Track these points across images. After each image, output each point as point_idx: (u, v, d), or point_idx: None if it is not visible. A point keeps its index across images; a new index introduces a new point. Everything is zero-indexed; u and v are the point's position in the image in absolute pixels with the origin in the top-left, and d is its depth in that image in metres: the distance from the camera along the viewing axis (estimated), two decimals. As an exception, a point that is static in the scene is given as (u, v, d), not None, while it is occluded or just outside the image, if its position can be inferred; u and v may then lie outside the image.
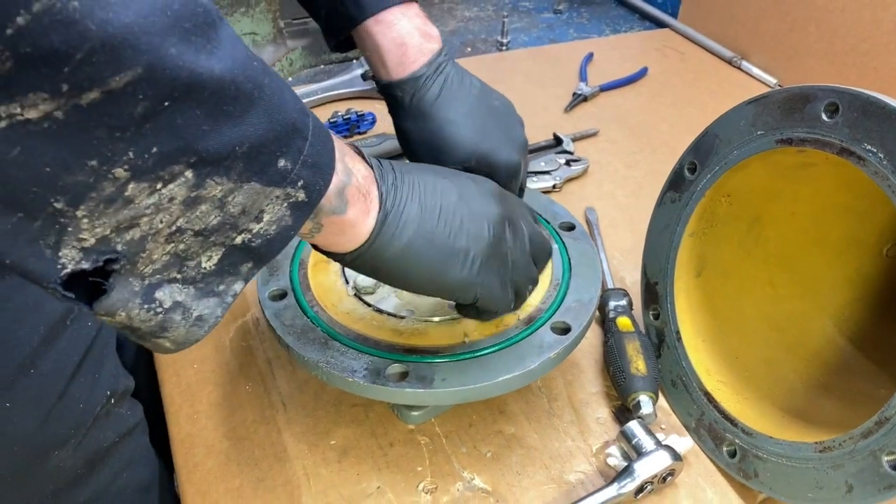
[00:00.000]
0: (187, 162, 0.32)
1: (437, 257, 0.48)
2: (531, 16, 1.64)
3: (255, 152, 0.34)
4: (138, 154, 0.30)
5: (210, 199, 0.34)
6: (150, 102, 0.29)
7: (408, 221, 0.46)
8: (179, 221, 0.34)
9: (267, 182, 0.36)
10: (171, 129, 0.30)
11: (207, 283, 0.37)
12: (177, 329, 0.37)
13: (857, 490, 0.52)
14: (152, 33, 0.28)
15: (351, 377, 0.56)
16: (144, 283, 0.35)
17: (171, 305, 0.36)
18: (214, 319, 0.38)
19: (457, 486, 0.62)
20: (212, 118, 0.32)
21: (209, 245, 0.36)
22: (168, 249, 0.34)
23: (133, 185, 0.31)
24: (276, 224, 0.38)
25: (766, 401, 0.66)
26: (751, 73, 1.32)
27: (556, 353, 0.58)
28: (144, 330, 0.36)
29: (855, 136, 0.52)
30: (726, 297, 0.71)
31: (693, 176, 0.66)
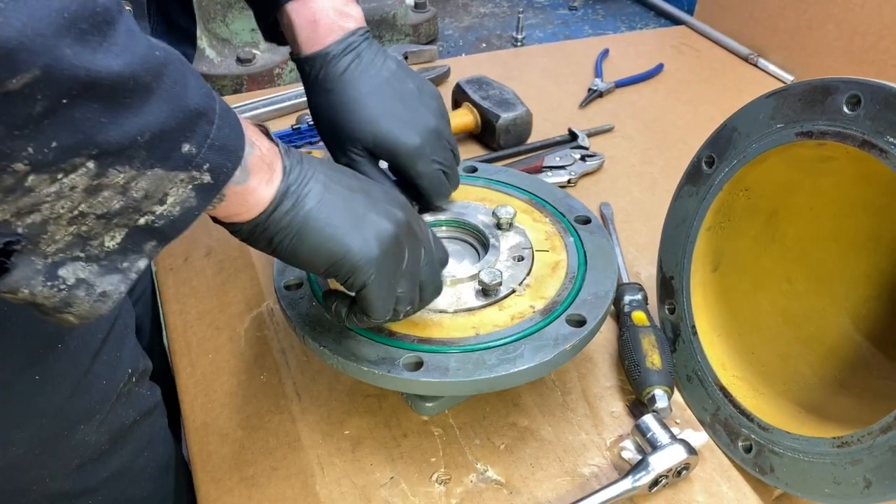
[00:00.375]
0: (88, 154, 0.33)
1: (337, 233, 0.48)
2: (546, 12, 1.64)
3: (158, 140, 0.35)
4: (38, 149, 0.31)
5: (112, 185, 0.35)
6: (48, 101, 0.30)
7: (311, 193, 0.47)
8: (81, 207, 0.34)
9: (171, 167, 0.37)
10: (70, 124, 0.31)
11: (111, 261, 0.38)
12: (81, 305, 0.38)
13: (876, 486, 0.52)
14: (47, 35, 0.29)
15: (366, 367, 0.56)
16: (47, 261, 0.35)
17: (75, 282, 0.37)
18: (118, 295, 0.39)
19: (470, 477, 0.62)
20: (111, 111, 0.33)
21: (112, 227, 0.37)
22: (71, 231, 0.35)
23: (33, 176, 0.32)
24: (181, 206, 0.38)
25: (782, 396, 0.65)
26: (767, 70, 1.31)
27: (572, 346, 0.58)
28: (48, 306, 0.37)
29: (877, 128, 0.52)
30: (743, 291, 0.71)
31: (711, 169, 0.66)
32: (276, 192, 0.45)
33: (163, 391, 0.73)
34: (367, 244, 0.49)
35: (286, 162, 0.46)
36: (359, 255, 0.48)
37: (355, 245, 0.48)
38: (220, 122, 0.39)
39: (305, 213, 0.47)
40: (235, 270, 0.85)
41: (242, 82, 1.27)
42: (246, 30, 1.32)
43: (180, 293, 0.83)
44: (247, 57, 1.29)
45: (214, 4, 1.28)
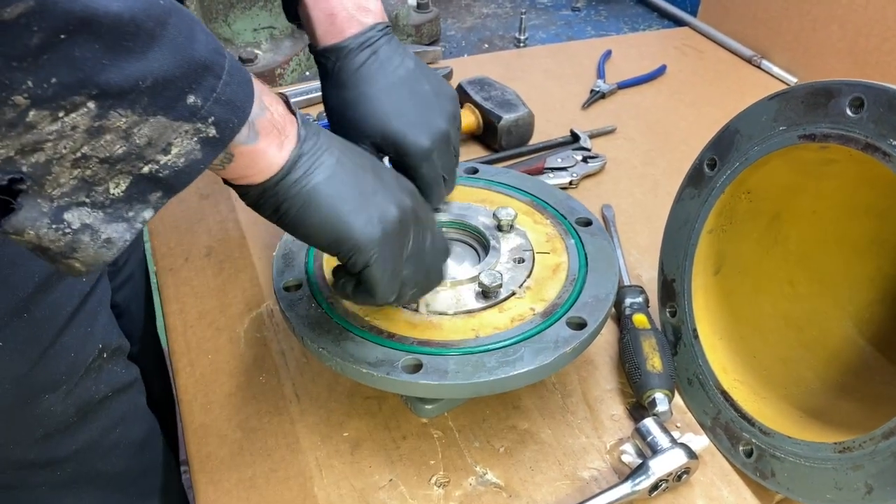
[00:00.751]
0: (88, 94, 0.33)
1: (343, 209, 0.48)
2: (549, 13, 1.64)
3: (161, 87, 0.35)
4: (37, 83, 0.31)
5: (114, 129, 0.35)
6: (44, 34, 0.30)
7: (322, 167, 0.47)
8: (84, 149, 0.35)
9: (174, 116, 0.37)
10: (69, 61, 0.32)
11: (116, 209, 0.38)
12: (86, 250, 0.38)
13: (878, 491, 0.51)
14: None
15: (365, 369, 0.56)
16: (53, 204, 0.36)
17: (80, 227, 0.37)
18: (123, 243, 0.39)
19: (469, 480, 0.62)
20: (111, 52, 0.33)
21: (116, 172, 0.37)
22: (75, 174, 0.36)
23: (34, 111, 0.32)
24: (185, 157, 0.39)
25: (784, 400, 0.65)
26: (771, 72, 1.31)
27: (572, 348, 0.58)
28: (54, 250, 0.38)
29: (881, 131, 0.51)
30: (744, 295, 0.70)
31: (713, 172, 0.66)
32: (289, 158, 0.45)
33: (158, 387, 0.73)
34: (371, 224, 0.49)
35: (302, 131, 0.46)
36: (361, 235, 0.48)
37: (358, 224, 0.48)
38: (229, 77, 0.39)
39: (315, 184, 0.46)
40: (235, 271, 0.85)
41: (244, 82, 1.27)
42: (248, 29, 1.32)
43: (180, 293, 0.82)
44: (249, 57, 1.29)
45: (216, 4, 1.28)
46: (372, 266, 0.50)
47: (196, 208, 0.95)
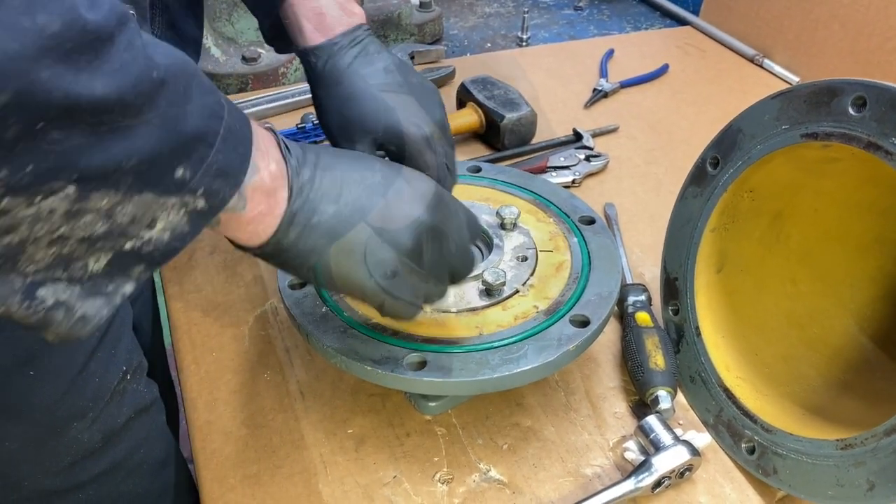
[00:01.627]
0: (68, 178, 0.31)
1: (347, 264, 0.46)
2: (551, 12, 1.64)
3: (147, 165, 0.33)
4: (13, 173, 0.29)
5: (95, 210, 0.33)
6: (21, 125, 0.28)
7: (318, 225, 0.44)
8: (62, 230, 0.33)
9: (161, 192, 0.35)
10: (46, 148, 0.30)
11: (95, 284, 0.36)
12: (58, 327, 0.36)
13: (879, 488, 0.52)
14: (21, 59, 0.27)
15: (370, 366, 0.56)
16: (27, 280, 0.34)
17: (53, 304, 0.35)
18: (98, 319, 0.37)
19: (473, 477, 0.62)
20: (94, 136, 0.31)
21: (96, 250, 0.35)
22: (51, 252, 0.33)
23: (9, 199, 0.30)
24: (171, 231, 0.37)
25: (786, 398, 0.65)
26: (773, 71, 1.31)
27: (576, 346, 0.58)
28: (25, 323, 0.36)
29: (883, 130, 0.52)
30: (747, 293, 0.71)
31: (715, 171, 0.66)
32: (280, 222, 0.43)
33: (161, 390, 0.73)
34: (377, 276, 0.47)
35: (294, 185, 0.44)
36: (367, 288, 0.48)
37: (362, 279, 0.47)
38: (222, 144, 0.37)
39: (312, 246, 0.45)
40: (240, 269, 0.85)
41: (247, 81, 1.27)
42: (251, 28, 1.32)
43: (184, 291, 0.83)
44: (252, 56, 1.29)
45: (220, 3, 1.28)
46: (386, 304, 0.49)
47: (200, 207, 0.95)
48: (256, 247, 0.44)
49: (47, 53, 0.28)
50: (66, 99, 0.29)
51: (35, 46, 0.28)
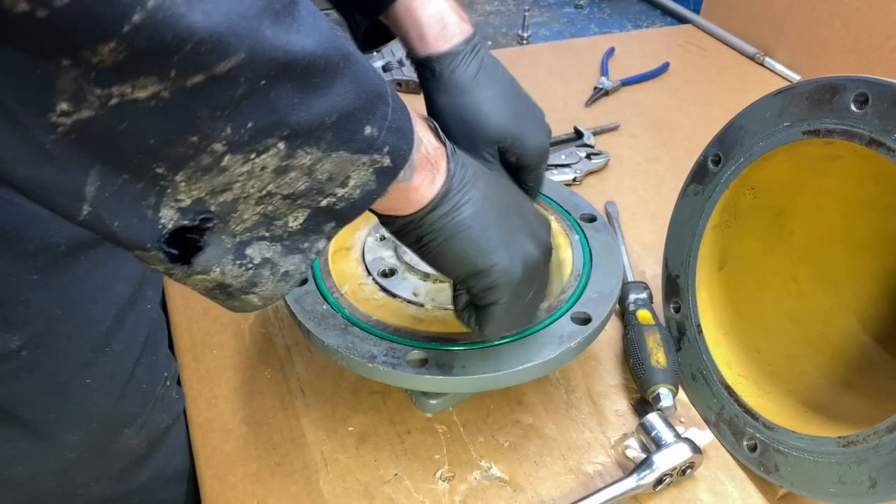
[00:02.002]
0: (280, 135, 0.33)
1: (487, 247, 0.47)
2: (552, 10, 1.64)
3: (344, 121, 0.35)
4: (235, 130, 0.31)
5: (300, 167, 0.35)
6: (249, 83, 0.30)
7: (470, 202, 0.46)
8: (270, 187, 0.35)
9: (355, 150, 0.37)
10: (266, 105, 0.32)
11: (293, 241, 0.39)
12: (265, 284, 0.39)
13: (881, 485, 0.51)
14: (251, 18, 0.29)
15: (371, 363, 0.56)
16: (236, 240, 0.37)
17: (261, 262, 0.38)
18: (299, 275, 0.40)
19: (474, 474, 0.62)
20: (302, 92, 0.33)
21: (296, 207, 0.37)
22: (258, 210, 0.36)
23: (229, 156, 0.32)
24: (361, 189, 0.39)
25: (788, 395, 0.65)
26: (774, 69, 1.31)
27: (577, 343, 0.58)
28: (236, 286, 0.38)
29: (885, 127, 0.52)
30: (748, 290, 0.71)
31: (717, 168, 0.66)
32: (437, 193, 0.44)
33: None
34: (514, 265, 0.48)
35: (451, 164, 0.45)
36: (501, 274, 0.47)
37: (502, 263, 0.47)
38: (394, 103, 0.39)
39: (461, 219, 0.46)
40: (240, 267, 0.85)
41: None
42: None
43: (185, 288, 0.82)
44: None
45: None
46: (498, 306, 0.49)
47: (200, 204, 0.95)
48: (408, 215, 0.45)
49: (265, 13, 0.30)
50: (286, 55, 0.31)
51: (257, 6, 0.30)
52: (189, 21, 0.27)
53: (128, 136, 0.29)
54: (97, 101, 0.28)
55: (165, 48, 0.27)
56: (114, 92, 0.28)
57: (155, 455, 0.65)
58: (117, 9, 0.25)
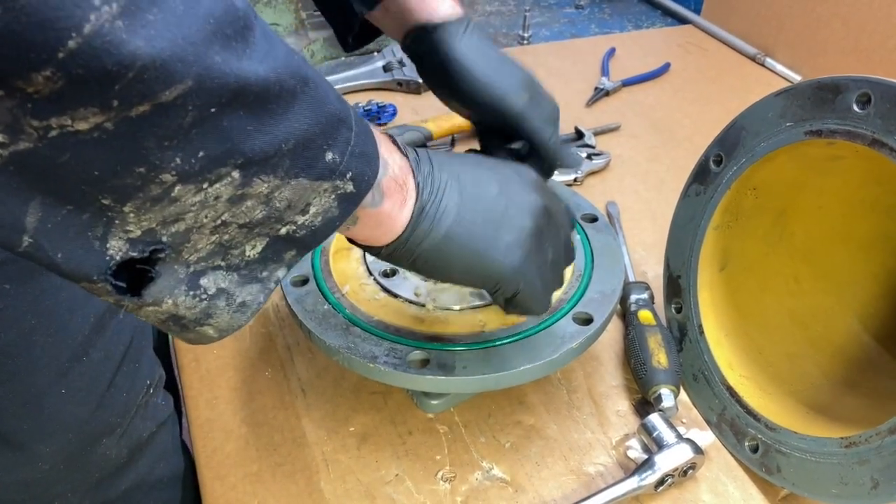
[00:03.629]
0: (234, 163, 0.32)
1: (478, 248, 0.46)
2: (552, 11, 1.64)
3: (302, 148, 0.34)
4: (185, 160, 0.30)
5: (256, 195, 0.34)
6: (198, 111, 0.29)
7: (446, 212, 0.45)
8: (224, 216, 0.34)
9: (315, 177, 0.36)
10: (218, 133, 0.31)
11: (251, 270, 0.37)
12: (221, 315, 0.37)
13: (884, 486, 0.51)
14: (198, 43, 0.28)
15: (372, 363, 0.56)
16: (189, 269, 0.35)
17: (216, 292, 0.37)
18: (257, 305, 0.39)
19: (475, 475, 0.62)
20: (257, 119, 0.32)
21: (253, 236, 0.36)
22: (213, 240, 0.35)
23: (180, 187, 0.31)
24: (322, 216, 0.38)
25: (790, 396, 0.65)
26: (775, 70, 1.31)
27: (578, 344, 0.58)
28: (189, 318, 0.37)
29: (887, 127, 0.51)
30: (750, 291, 0.70)
31: (718, 168, 0.66)
32: (412, 214, 0.43)
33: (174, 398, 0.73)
34: (510, 253, 0.47)
35: (419, 178, 0.44)
36: (503, 268, 0.47)
37: (498, 258, 0.46)
38: (357, 127, 0.38)
39: (444, 232, 0.45)
40: (241, 267, 0.85)
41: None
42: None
43: (186, 289, 0.82)
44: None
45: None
46: (522, 292, 0.49)
47: (201, 204, 0.95)
48: (389, 244, 0.44)
49: (215, 38, 0.29)
50: (237, 81, 0.30)
51: (206, 31, 0.28)
52: (130, 47, 0.26)
53: (70, 168, 0.28)
54: (35, 133, 0.27)
55: (106, 76, 0.26)
56: (52, 124, 0.26)
57: (136, 463, 0.64)
58: (50, 34, 0.24)
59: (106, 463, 0.61)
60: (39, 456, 0.56)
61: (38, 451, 0.55)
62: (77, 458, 0.58)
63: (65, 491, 0.60)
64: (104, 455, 0.60)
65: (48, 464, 0.56)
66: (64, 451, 0.57)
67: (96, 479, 0.61)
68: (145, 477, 0.66)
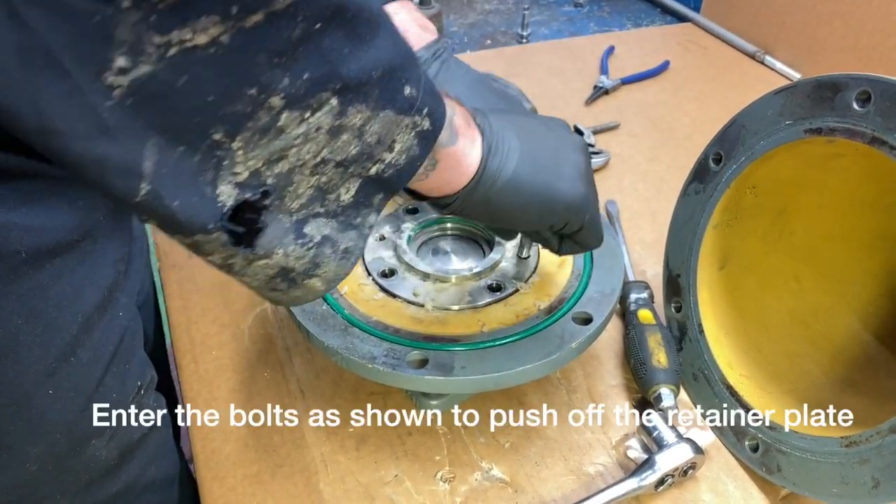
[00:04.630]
0: (333, 88, 0.33)
1: (547, 180, 0.47)
2: (551, 9, 1.63)
3: (387, 77, 0.35)
4: (292, 81, 0.31)
5: (351, 127, 0.35)
6: (306, 24, 0.30)
7: (511, 149, 0.46)
8: (324, 152, 0.35)
9: (398, 110, 0.37)
10: (320, 52, 0.32)
11: (346, 216, 0.39)
12: (328, 264, 0.39)
13: (885, 485, 0.51)
14: None
15: (371, 363, 0.55)
16: (293, 218, 0.37)
17: (321, 239, 0.38)
18: (358, 251, 0.40)
19: (475, 475, 0.62)
20: (350, 41, 0.33)
21: (348, 176, 0.37)
22: (312, 182, 0.36)
23: (286, 113, 0.32)
24: (405, 154, 0.39)
25: (790, 395, 0.65)
26: (774, 68, 1.30)
27: (578, 343, 0.58)
28: (299, 269, 0.38)
29: (887, 125, 0.51)
30: (749, 290, 0.70)
31: (718, 167, 0.66)
32: (482, 151, 0.45)
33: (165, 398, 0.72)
34: (575, 184, 0.49)
35: (480, 120, 0.46)
36: (573, 198, 0.48)
37: (565, 188, 0.48)
38: (422, 67, 0.39)
39: (513, 169, 0.46)
40: (239, 267, 0.84)
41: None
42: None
43: (184, 290, 0.82)
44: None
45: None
46: (587, 223, 0.50)
47: (199, 205, 0.95)
48: (464, 186, 0.45)
49: None
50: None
51: None
52: None
53: (186, 93, 0.29)
54: (155, 52, 0.27)
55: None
56: (173, 39, 0.27)
57: (128, 465, 0.64)
58: None
59: (96, 465, 0.61)
60: (27, 457, 0.55)
61: (26, 453, 0.55)
62: (65, 459, 0.58)
63: (53, 493, 0.59)
64: (93, 457, 0.60)
65: (36, 465, 0.56)
66: (52, 453, 0.56)
67: (86, 480, 0.61)
68: (137, 479, 0.65)
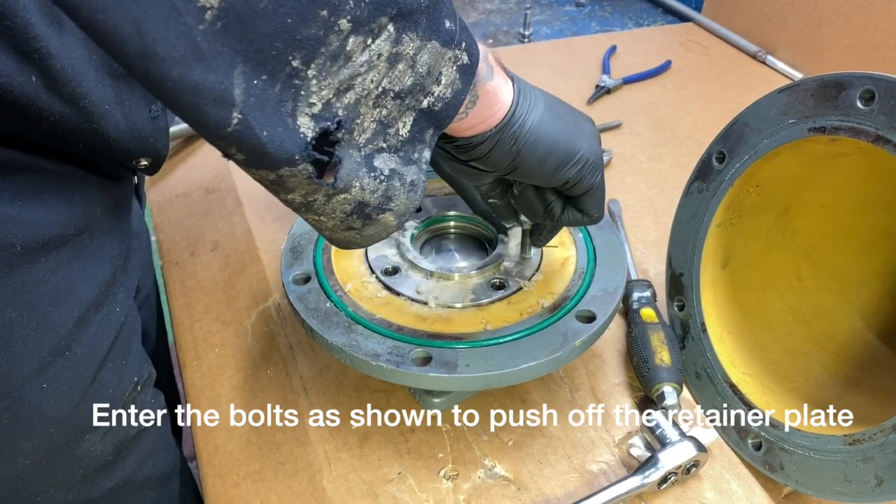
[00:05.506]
0: (390, 14, 0.35)
1: (568, 130, 0.49)
2: (553, 8, 1.63)
3: (432, 8, 0.38)
4: (357, 3, 0.34)
5: (405, 56, 0.37)
6: None
7: (536, 97, 0.48)
8: (384, 82, 0.37)
9: (442, 42, 0.39)
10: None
11: (406, 151, 0.41)
12: (398, 197, 0.42)
13: (888, 483, 0.51)
14: None
15: (374, 361, 0.55)
16: (362, 153, 0.39)
17: (389, 173, 0.41)
18: (421, 185, 0.43)
19: (478, 473, 0.62)
20: None
21: (404, 109, 0.40)
22: (374, 115, 0.38)
23: (352, 38, 0.34)
24: (450, 87, 0.41)
25: (793, 393, 0.65)
26: (776, 67, 1.30)
27: (581, 342, 0.58)
28: (374, 203, 0.41)
29: (891, 123, 0.51)
30: (752, 288, 0.70)
31: (721, 165, 0.66)
32: (514, 91, 0.47)
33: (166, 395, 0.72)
34: (592, 141, 0.51)
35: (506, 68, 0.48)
36: (589, 152, 0.50)
37: (584, 141, 0.50)
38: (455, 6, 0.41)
39: (539, 114, 0.48)
40: (242, 265, 0.85)
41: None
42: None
43: (186, 287, 0.82)
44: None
45: None
46: (598, 183, 0.52)
47: (202, 202, 0.95)
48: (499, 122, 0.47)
49: None
50: None
51: None
52: None
53: (268, 15, 0.31)
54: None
55: None
56: None
57: (124, 461, 0.64)
58: None
59: (90, 460, 0.61)
60: (20, 451, 0.55)
61: (19, 446, 0.55)
62: (59, 454, 0.58)
63: (47, 487, 0.59)
64: (88, 451, 0.60)
65: (29, 459, 0.56)
66: (45, 447, 0.56)
67: (80, 475, 0.61)
68: (133, 475, 0.65)
